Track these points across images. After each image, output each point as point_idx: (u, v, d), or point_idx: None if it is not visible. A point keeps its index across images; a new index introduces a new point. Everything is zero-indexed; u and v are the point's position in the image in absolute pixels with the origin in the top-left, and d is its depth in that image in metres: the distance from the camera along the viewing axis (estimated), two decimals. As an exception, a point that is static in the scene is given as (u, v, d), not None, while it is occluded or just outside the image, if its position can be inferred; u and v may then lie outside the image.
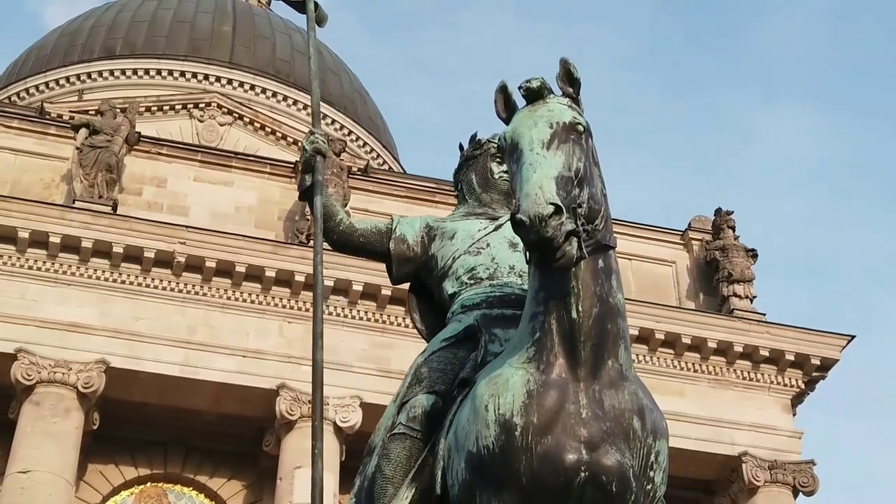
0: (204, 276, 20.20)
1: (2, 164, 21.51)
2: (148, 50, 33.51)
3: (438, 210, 23.60)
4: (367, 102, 37.95)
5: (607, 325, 5.06)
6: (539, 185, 4.74)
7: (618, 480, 4.89)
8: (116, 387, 19.32)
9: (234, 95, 32.58)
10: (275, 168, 23.43)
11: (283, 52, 35.24)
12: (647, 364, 22.19)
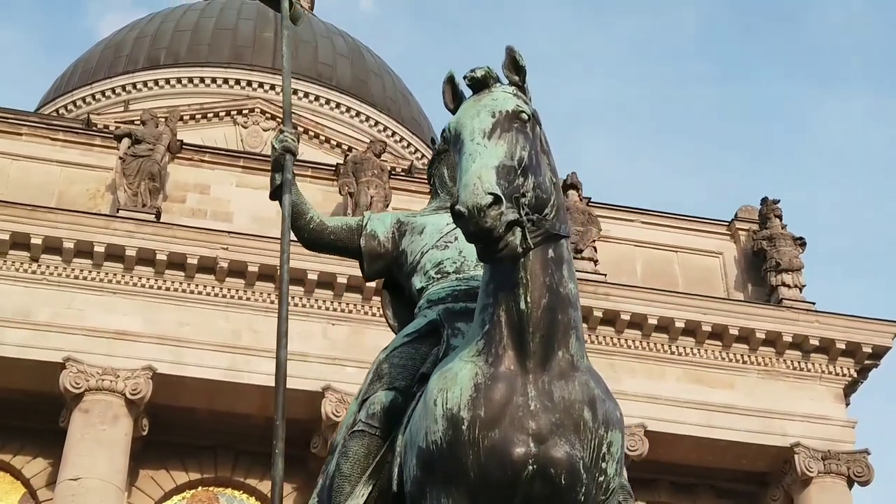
0: (247, 280, 20.33)
1: (48, 175, 21.78)
2: (191, 58, 33.80)
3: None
4: (411, 103, 37.99)
5: (557, 316, 4.95)
6: (478, 175, 4.64)
7: (567, 473, 4.80)
8: (164, 393, 19.50)
9: (276, 101, 32.74)
10: (316, 171, 23.52)
11: (325, 55, 35.38)
12: (695, 356, 22.02)
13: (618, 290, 21.96)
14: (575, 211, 22.88)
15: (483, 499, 4.84)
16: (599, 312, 21.57)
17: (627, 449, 20.32)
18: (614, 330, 21.75)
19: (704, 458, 21.72)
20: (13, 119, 23.68)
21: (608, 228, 23.35)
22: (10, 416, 19.93)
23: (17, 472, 20.22)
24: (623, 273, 23.11)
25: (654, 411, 21.14)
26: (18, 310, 19.48)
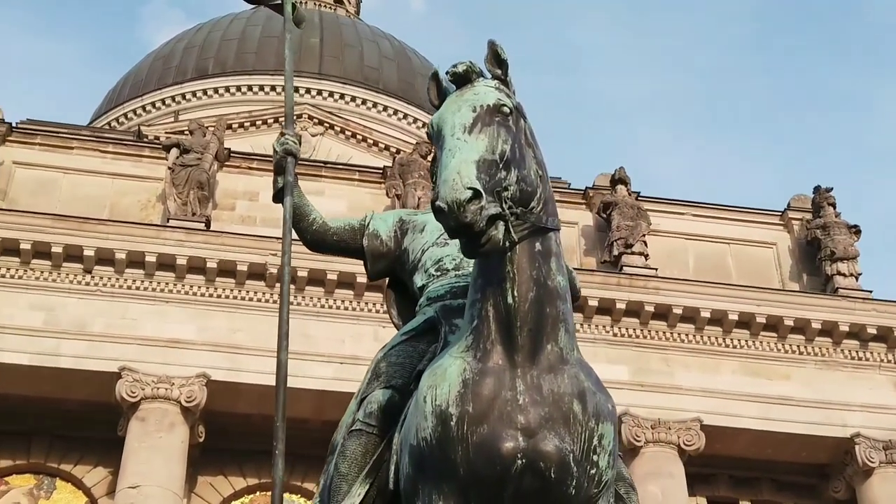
0: (297, 285, 20.43)
1: (100, 188, 22.04)
2: (238, 67, 34.08)
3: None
4: (459, 103, 37.99)
5: (545, 309, 4.93)
6: (457, 170, 4.60)
7: (556, 466, 4.76)
8: (219, 399, 19.65)
9: (323, 105, 32.93)
10: (364, 175, 23.60)
11: (371, 59, 35.51)
12: (750, 349, 21.79)
13: (669, 283, 21.80)
14: (624, 206, 22.77)
15: (473, 494, 4.82)
16: (651, 307, 21.43)
17: (684, 443, 20.27)
18: (667, 324, 21.58)
19: (763, 452, 21.49)
20: (64, 133, 24.02)
21: (658, 222, 23.19)
22: (70, 426, 20.21)
23: (79, 481, 20.48)
24: (675, 267, 22.94)
25: (710, 405, 20.95)
26: (74, 321, 19.73)
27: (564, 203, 23.88)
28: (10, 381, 19.49)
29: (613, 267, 22.19)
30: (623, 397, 20.53)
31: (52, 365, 19.45)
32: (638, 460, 20.27)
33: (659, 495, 19.86)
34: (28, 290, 19.99)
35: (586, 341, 21.15)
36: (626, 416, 20.39)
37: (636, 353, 21.30)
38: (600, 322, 21.39)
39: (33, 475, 20.57)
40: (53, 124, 25.47)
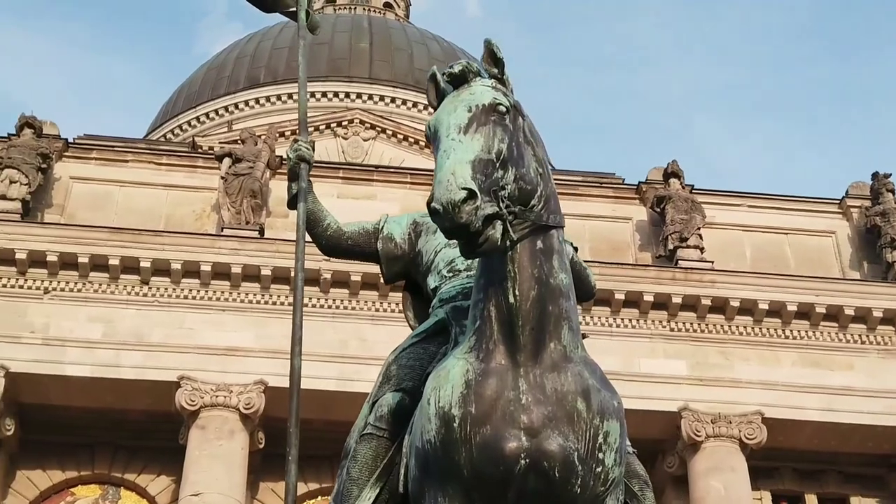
0: (351, 290, 20.51)
1: (155, 200, 22.28)
2: (289, 75, 34.25)
3: (584, 204, 23.44)
4: (510, 102, 37.93)
5: (548, 307, 4.90)
6: (452, 170, 4.58)
7: (560, 465, 4.72)
8: (278, 406, 19.66)
9: (375, 110, 33.04)
10: (415, 177, 23.62)
11: (421, 61, 35.53)
12: (810, 339, 21.51)
13: (725, 276, 21.59)
14: (677, 199, 22.58)
15: (478, 496, 4.79)
16: (708, 301, 21.23)
17: (745, 437, 20.04)
18: (724, 317, 21.36)
19: (827, 443, 21.20)
20: (119, 147, 24.31)
21: (713, 215, 22.96)
22: (132, 436, 20.48)
23: (143, 490, 20.74)
24: (732, 259, 22.71)
25: (771, 398, 20.71)
26: (132, 332, 19.98)
27: (618, 199, 23.77)
28: (72, 393, 19.81)
29: (669, 261, 22.02)
30: (682, 392, 20.43)
31: (112, 376, 19.72)
32: (699, 455, 20.11)
33: (721, 490, 19.68)
34: (87, 303, 20.28)
35: (643, 337, 21.04)
36: (686, 411, 20.22)
37: (694, 347, 21.12)
38: (657, 317, 21.23)
39: (98, 485, 20.88)
40: (109, 138, 25.76)
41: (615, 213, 23.54)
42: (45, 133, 22.40)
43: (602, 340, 20.88)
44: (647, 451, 21.07)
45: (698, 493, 19.93)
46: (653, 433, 20.72)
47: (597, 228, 23.06)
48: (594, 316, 21.03)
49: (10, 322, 19.89)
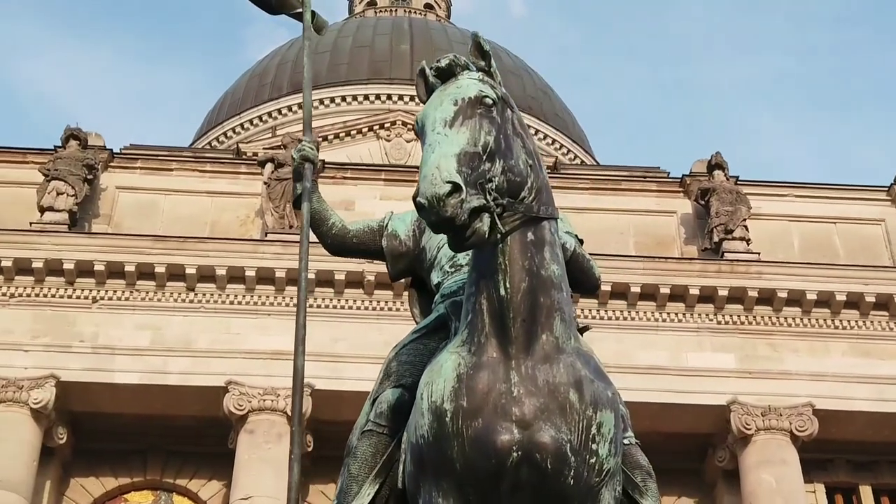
0: (395, 291, 20.52)
1: (200, 207, 22.46)
2: (332, 78, 34.40)
3: (627, 198, 23.32)
4: (553, 99, 37.80)
5: (539, 299, 4.88)
6: (436, 164, 4.55)
7: (553, 457, 4.70)
8: (324, 409, 19.80)
9: (417, 111, 32.91)
10: (457, 177, 23.58)
11: (462, 61, 35.52)
12: (860, 329, 21.24)
13: (771, 267, 21.36)
14: (722, 191, 22.38)
15: (471, 489, 4.78)
16: (755, 292, 21.01)
17: (796, 429, 19.81)
18: (772, 309, 21.13)
19: (880, 433, 20.90)
20: (164, 156, 24.56)
21: (760, 206, 22.74)
22: (183, 441, 20.64)
23: (195, 495, 20.91)
24: (780, 250, 22.46)
25: (822, 389, 20.45)
26: (179, 338, 20.15)
27: (662, 193, 23.62)
28: (121, 400, 20.01)
29: (715, 254, 21.83)
30: (730, 385, 20.24)
31: (160, 382, 19.90)
32: (749, 448, 19.91)
33: (773, 483, 19.47)
34: (134, 311, 20.49)
35: (690, 331, 20.87)
36: (735, 404, 20.03)
37: (742, 339, 20.91)
38: (703, 310, 21.04)
39: (151, 491, 21.08)
40: (154, 148, 26.04)
41: (660, 207, 23.38)
42: (91, 144, 22.66)
43: (648, 335, 20.79)
44: (698, 445, 20.95)
45: (749, 486, 19.74)
46: (702, 428, 20.57)
47: (641, 223, 22.94)
48: (639, 311, 20.91)
49: (59, 332, 20.15)
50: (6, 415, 19.34)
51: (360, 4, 43.95)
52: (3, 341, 19.92)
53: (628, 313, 20.93)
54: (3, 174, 22.60)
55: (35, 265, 20.42)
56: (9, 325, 20.16)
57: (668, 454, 20.91)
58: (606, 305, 20.87)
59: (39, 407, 19.43)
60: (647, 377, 20.21)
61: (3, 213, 21.92)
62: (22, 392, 19.42)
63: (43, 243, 20.53)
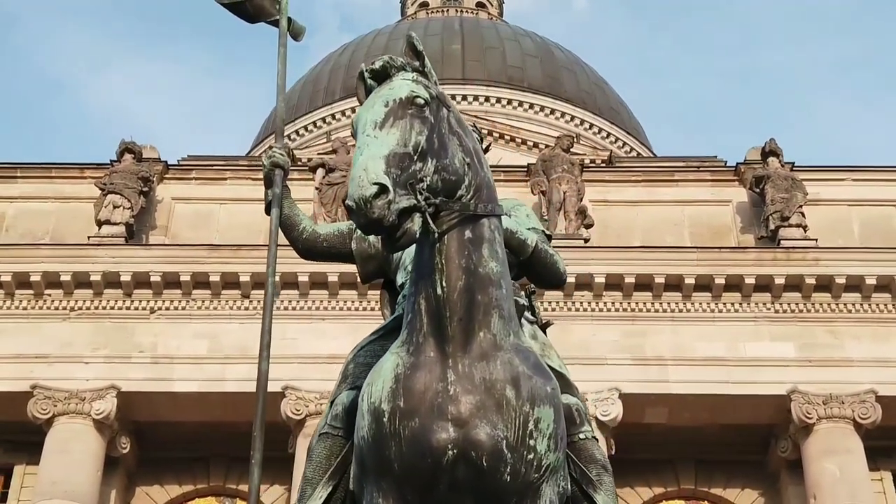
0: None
1: (255, 214, 22.34)
2: (385, 82, 34.46)
3: (681, 189, 23.11)
4: (607, 93, 37.58)
5: (476, 297, 4.86)
6: (364, 167, 4.55)
7: (489, 454, 4.69)
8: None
9: (469, 110, 33.03)
10: (509, 174, 23.57)
11: (514, 58, 35.46)
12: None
13: (828, 253, 21.01)
14: (777, 178, 22.08)
15: (409, 489, 4.79)
16: (812, 279, 20.69)
17: (859, 417, 19.46)
18: (831, 296, 20.78)
19: (948, 419, 20.46)
20: (218, 166, 24.78)
21: (817, 191, 22.39)
22: (244, 447, 20.11)
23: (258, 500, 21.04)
24: (839, 236, 22.10)
25: (885, 375, 20.07)
26: (236, 346, 20.32)
27: (716, 182, 23.37)
28: (182, 408, 20.25)
29: (771, 242, 21.54)
30: (790, 375, 19.98)
31: (219, 390, 20.10)
32: (812, 438, 19.62)
33: (836, 472, 19.17)
34: (191, 320, 20.73)
35: (747, 321, 20.62)
36: (795, 393, 19.75)
37: (801, 328, 20.61)
38: (760, 300, 20.76)
39: (215, 497, 21.36)
40: (210, 158, 26.27)
41: (715, 197, 23.13)
42: (145, 157, 22.96)
43: (705, 327, 20.58)
44: (759, 436, 20.70)
45: (813, 476, 19.44)
46: (763, 418, 20.33)
47: (696, 214, 22.72)
48: (695, 302, 20.70)
49: (119, 343, 20.46)
50: (70, 426, 19.70)
51: (412, 6, 44.07)
52: (65, 354, 20.29)
53: (683, 305, 20.73)
54: (62, 190, 23.01)
55: (93, 278, 20.76)
56: (70, 338, 20.52)
57: (729, 446, 20.77)
58: (661, 298, 20.70)
59: (101, 417, 19.76)
60: (704, 369, 20.04)
61: (64, 228, 22.33)
62: (84, 403, 19.77)
63: (100, 256, 20.86)
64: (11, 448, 21.07)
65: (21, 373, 20.13)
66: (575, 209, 21.73)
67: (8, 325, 20.71)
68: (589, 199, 22.26)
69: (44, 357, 20.30)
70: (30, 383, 19.95)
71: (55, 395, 19.84)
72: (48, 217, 22.58)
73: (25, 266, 20.83)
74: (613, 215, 22.53)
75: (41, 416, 19.82)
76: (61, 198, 22.90)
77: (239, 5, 6.43)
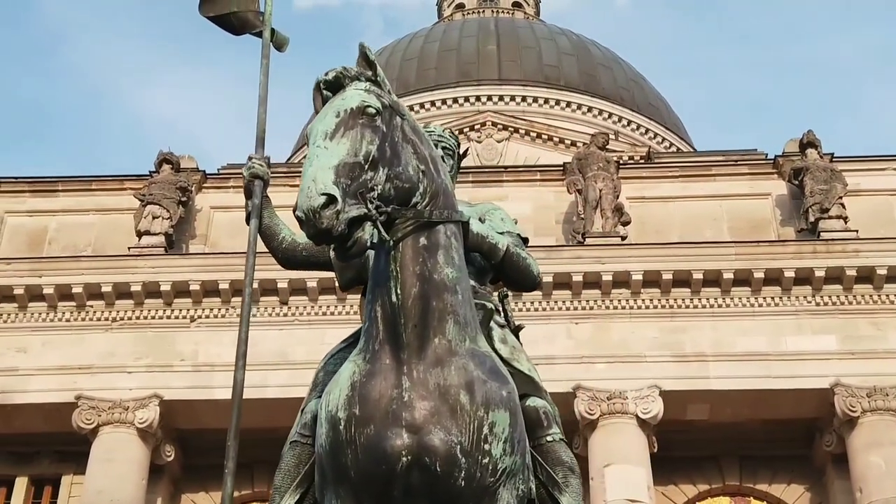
0: (486, 292, 20.49)
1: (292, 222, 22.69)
2: (421, 84, 34.57)
3: (719, 183, 22.94)
4: (645, 88, 37.41)
5: (431, 303, 4.89)
6: (312, 177, 4.59)
7: (442, 459, 4.71)
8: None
9: (506, 111, 33.04)
10: (545, 174, 23.52)
11: (550, 57, 35.38)
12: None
13: (869, 244, 20.77)
14: (815, 169, 21.87)
15: (365, 496, 4.82)
16: (853, 271, 20.46)
17: (910, 411, 19.19)
18: (872, 287, 20.55)
19: None
20: (255, 173, 24.91)
21: (858, 182, 22.15)
22: (287, 453, 20.88)
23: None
24: (882, 226, 21.83)
25: (930, 366, 19.79)
26: (276, 353, 20.42)
27: (754, 175, 23.18)
28: (224, 416, 20.18)
29: (811, 234, 21.33)
30: (833, 368, 19.78)
31: (259, 396, 20.10)
32: (856, 431, 19.40)
33: (882, 465, 18.94)
34: (231, 328, 20.80)
35: (788, 314, 20.44)
36: (839, 386, 19.55)
37: (843, 320, 20.39)
38: (801, 293, 20.56)
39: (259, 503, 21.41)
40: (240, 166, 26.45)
41: (753, 191, 22.94)
42: (183, 167, 23.15)
43: (744, 321, 20.43)
44: (803, 430, 20.51)
45: (858, 470, 19.22)
46: (807, 412, 20.14)
47: (735, 208, 22.54)
48: (734, 297, 20.55)
49: (160, 352, 20.65)
50: (114, 436, 19.92)
51: (448, 8, 44.13)
52: (107, 364, 20.52)
53: (723, 300, 20.58)
54: (103, 202, 23.26)
55: (134, 289, 20.98)
56: (112, 349, 20.75)
57: (773, 441, 20.59)
58: (700, 294, 20.58)
59: (145, 426, 19.97)
60: (745, 364, 19.90)
61: (105, 240, 22.58)
62: (128, 413, 19.99)
63: (140, 267, 21.08)
64: (59, 458, 21.35)
65: (65, 384, 20.39)
66: (611, 207, 21.65)
67: (52, 337, 20.99)
68: (626, 197, 22.16)
69: (87, 368, 20.55)
70: (74, 394, 20.22)
71: (99, 405, 20.08)
72: (90, 229, 22.84)
73: (67, 278, 21.10)
74: (651, 212, 22.42)
75: (86, 426, 20.07)
76: (102, 210, 23.15)
77: (224, 18, 6.50)
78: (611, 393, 19.62)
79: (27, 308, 21.18)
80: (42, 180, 23.70)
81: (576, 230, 21.70)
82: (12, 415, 20.59)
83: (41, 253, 22.27)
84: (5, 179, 23.49)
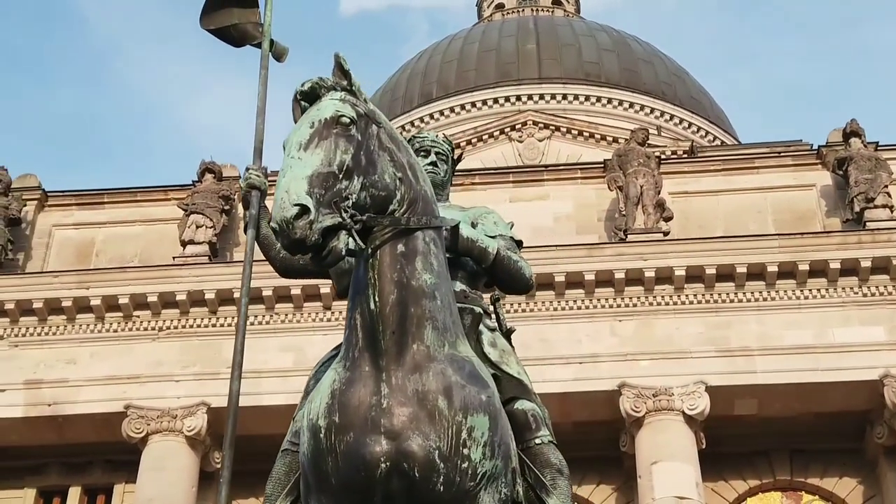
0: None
1: (334, 226, 22.89)
2: (461, 86, 34.59)
3: (762, 176, 22.75)
4: (687, 82, 37.16)
5: (409, 310, 4.92)
6: (286, 188, 4.63)
7: (420, 465, 4.73)
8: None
9: (547, 109, 32.97)
10: (585, 171, 23.43)
11: (589, 54, 35.27)
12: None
13: (915, 233, 20.46)
14: (859, 159, 21.63)
15: (346, 503, 4.83)
16: (900, 261, 20.18)
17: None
18: (921, 276, 20.25)
19: None
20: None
21: (903, 170, 21.86)
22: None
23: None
24: (930, 214, 21.50)
25: (967, 361, 19.48)
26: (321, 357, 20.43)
27: (798, 166, 22.97)
28: (272, 422, 20.38)
29: (857, 224, 21.08)
30: (882, 359, 19.55)
31: (304, 402, 20.28)
32: (908, 423, 19.14)
33: (935, 457, 18.67)
34: (276, 334, 21.00)
35: (834, 306, 20.23)
36: (888, 377, 19.30)
37: (891, 311, 20.14)
38: (847, 284, 20.32)
39: (309, 508, 21.54)
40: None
41: (797, 182, 22.72)
42: (225, 176, 23.32)
43: (790, 314, 20.24)
44: (854, 423, 20.26)
45: (911, 462, 18.98)
46: (857, 405, 19.91)
47: (779, 200, 22.34)
48: (779, 290, 20.36)
49: (207, 360, 20.82)
50: (163, 444, 20.12)
51: (488, 8, 44.14)
52: (155, 373, 20.73)
53: (767, 293, 20.39)
54: (149, 212, 23.51)
55: (179, 298, 21.18)
56: (159, 358, 20.96)
57: (824, 435, 20.37)
58: (744, 287, 20.40)
59: (193, 434, 20.16)
60: (791, 357, 19.71)
61: (151, 250, 22.82)
62: (176, 421, 20.19)
63: (184, 276, 21.27)
64: (111, 468, 21.62)
65: (115, 394, 20.63)
66: (653, 203, 21.53)
67: (100, 348, 21.25)
68: (668, 192, 22.04)
69: (135, 377, 20.77)
70: (123, 403, 20.44)
71: (148, 415, 20.30)
72: (136, 240, 23.10)
73: (114, 289, 21.34)
74: (694, 207, 22.28)
75: (135, 435, 20.29)
76: (148, 220, 23.39)
77: (224, 31, 6.55)
78: (656, 390, 19.50)
79: (75, 320, 21.46)
80: (88, 193, 23.99)
81: (618, 227, 21.60)
82: (64, 426, 20.88)
83: (89, 265, 22.54)
84: (53, 193, 23.81)
